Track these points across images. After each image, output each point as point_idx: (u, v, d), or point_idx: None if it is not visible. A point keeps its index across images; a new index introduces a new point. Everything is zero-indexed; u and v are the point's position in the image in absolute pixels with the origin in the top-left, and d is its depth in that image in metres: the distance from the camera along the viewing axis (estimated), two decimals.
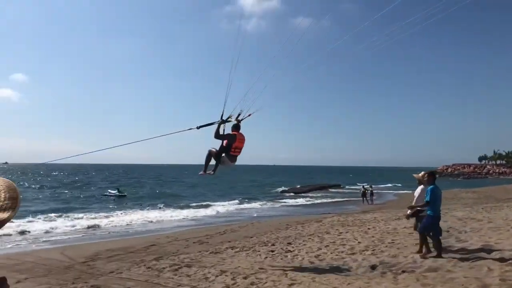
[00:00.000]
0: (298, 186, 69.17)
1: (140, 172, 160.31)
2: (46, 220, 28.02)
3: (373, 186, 48.40)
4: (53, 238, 21.38)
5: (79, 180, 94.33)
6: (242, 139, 10.88)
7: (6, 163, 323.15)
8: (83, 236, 22.47)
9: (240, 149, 11.04)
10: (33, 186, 69.70)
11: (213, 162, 11.40)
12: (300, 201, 47.28)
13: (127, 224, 27.00)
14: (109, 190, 55.57)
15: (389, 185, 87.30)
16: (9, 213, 1.75)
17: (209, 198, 49.55)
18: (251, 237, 18.20)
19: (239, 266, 11.66)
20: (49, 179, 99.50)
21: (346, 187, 75.51)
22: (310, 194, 56.72)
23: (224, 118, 10.71)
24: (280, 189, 66.89)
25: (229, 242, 17.07)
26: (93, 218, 29.26)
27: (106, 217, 30.19)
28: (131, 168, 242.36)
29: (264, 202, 45.71)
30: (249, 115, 11.00)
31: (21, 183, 75.64)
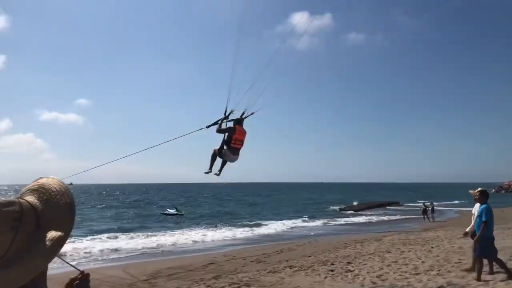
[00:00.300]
0: (355, 204, 67.73)
1: (197, 191, 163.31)
2: (108, 239, 29.04)
3: (434, 203, 46.40)
4: (115, 256, 22.11)
5: (139, 200, 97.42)
6: (242, 132, 10.93)
7: (71, 184, 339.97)
8: (143, 254, 23.07)
9: (241, 141, 10.98)
10: (98, 206, 72.73)
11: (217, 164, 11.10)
12: (358, 219, 46.16)
13: (185, 243, 27.44)
14: (168, 209, 56.88)
15: (451, 202, 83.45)
16: (68, 227, 1.65)
17: (265, 216, 49.52)
18: (309, 256, 17.93)
19: (298, 286, 11.50)
20: (111, 198, 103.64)
21: (405, 204, 72.99)
22: (367, 212, 55.33)
23: (227, 114, 10.88)
24: (336, 207, 65.70)
25: (287, 261, 16.90)
26: (152, 237, 30.03)
27: (165, 235, 30.88)
28: (188, 187, 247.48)
29: (321, 220, 45.00)
30: (252, 113, 11.07)
31: (85, 202, 79.27)
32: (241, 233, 33.04)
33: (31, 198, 1.70)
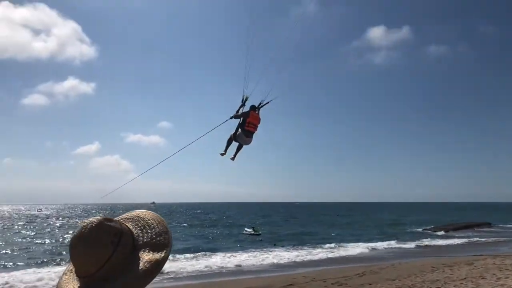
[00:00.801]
0: (442, 225, 63.90)
1: (274, 210, 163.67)
2: (189, 258, 29.71)
3: None
4: (195, 274, 22.56)
5: (218, 219, 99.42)
6: (255, 116, 12.30)
7: (153, 203, 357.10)
8: (222, 272, 23.30)
9: (254, 125, 12.32)
10: (184, 224, 75.22)
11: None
12: (444, 241, 43.34)
13: (264, 262, 27.36)
14: (245, 229, 57.40)
15: None
16: (165, 251, 1.66)
17: (344, 237, 48.21)
18: (394, 280, 17.04)
19: None
20: (192, 217, 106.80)
21: (497, 225, 67.54)
22: (454, 234, 51.91)
23: (243, 101, 12.49)
24: (419, 228, 62.39)
25: (370, 284, 16.19)
26: (231, 256, 30.30)
27: (243, 255, 31.06)
28: (266, 206, 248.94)
29: (404, 241, 42.83)
30: (267, 102, 12.63)
31: (168, 221, 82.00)
32: (320, 253, 32.35)
33: (127, 224, 1.74)
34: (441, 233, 53.60)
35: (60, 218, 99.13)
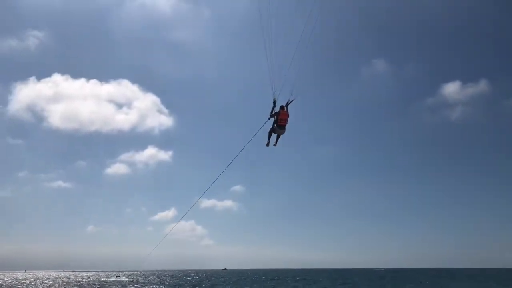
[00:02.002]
0: None
1: (361, 277, 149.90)
2: None
3: None
4: None
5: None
6: (284, 113, 18.31)
7: (225, 269, 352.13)
8: None
9: (285, 120, 18.46)
10: None
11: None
12: None
13: None
14: None
15: None
16: None
17: None
18: None
19: None
20: (269, 283, 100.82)
21: None
22: None
23: (274, 102, 18.77)
24: None
25: None
26: None
27: None
28: (342, 273, 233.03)
29: None
30: (292, 100, 18.58)
31: None
32: None
33: None
34: None
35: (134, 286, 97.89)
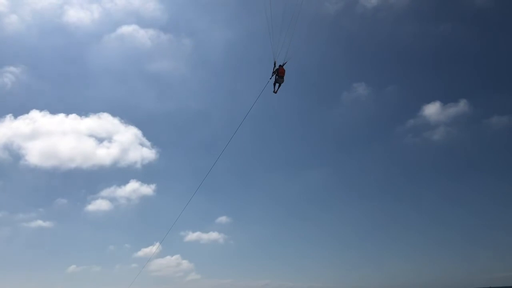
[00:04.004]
0: None
1: None
2: None
3: None
4: None
5: None
6: (282, 69, 29.50)
7: None
8: None
9: (283, 72, 29.76)
10: None
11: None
12: None
13: None
14: None
15: None
16: None
17: None
18: None
19: None
20: None
21: None
22: None
23: (275, 62, 29.73)
24: None
25: None
26: None
27: None
28: None
29: None
30: (285, 62, 29.68)
31: None
32: None
33: None
34: None
35: None
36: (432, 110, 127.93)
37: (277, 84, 30.26)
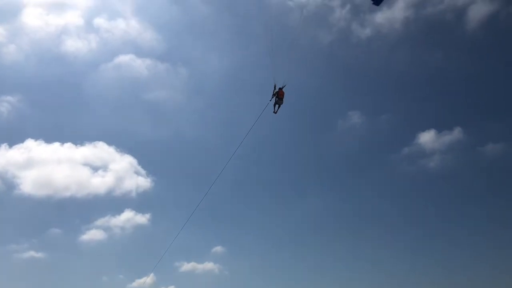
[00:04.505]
0: None
1: None
2: None
3: None
4: None
5: None
6: (281, 91, 32.51)
7: None
8: None
9: (282, 94, 32.76)
10: None
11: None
12: None
13: None
14: None
15: None
16: None
17: None
18: None
19: None
20: None
21: None
22: None
23: (275, 85, 32.91)
24: None
25: None
26: None
27: None
28: None
29: None
30: (284, 85, 32.58)
31: None
32: None
33: None
34: None
35: None
36: (427, 138, 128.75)
37: (277, 105, 32.72)
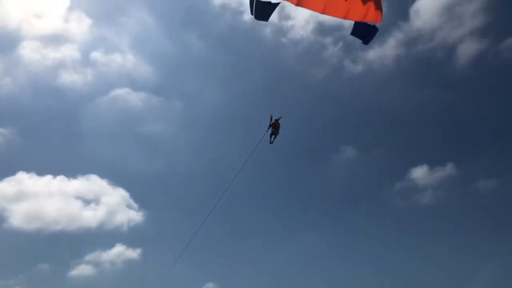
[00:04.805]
0: None
1: None
2: None
3: None
4: None
5: None
6: (277, 123, 32.94)
7: None
8: None
9: (278, 126, 33.20)
10: None
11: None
12: None
13: None
14: None
15: None
16: None
17: None
18: None
19: None
20: None
21: None
22: None
23: (271, 117, 33.09)
24: None
25: None
26: None
27: None
28: None
29: None
30: (280, 117, 33.01)
31: None
32: None
33: None
34: None
35: None
36: (419, 173, 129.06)
37: (273, 136, 33.57)
